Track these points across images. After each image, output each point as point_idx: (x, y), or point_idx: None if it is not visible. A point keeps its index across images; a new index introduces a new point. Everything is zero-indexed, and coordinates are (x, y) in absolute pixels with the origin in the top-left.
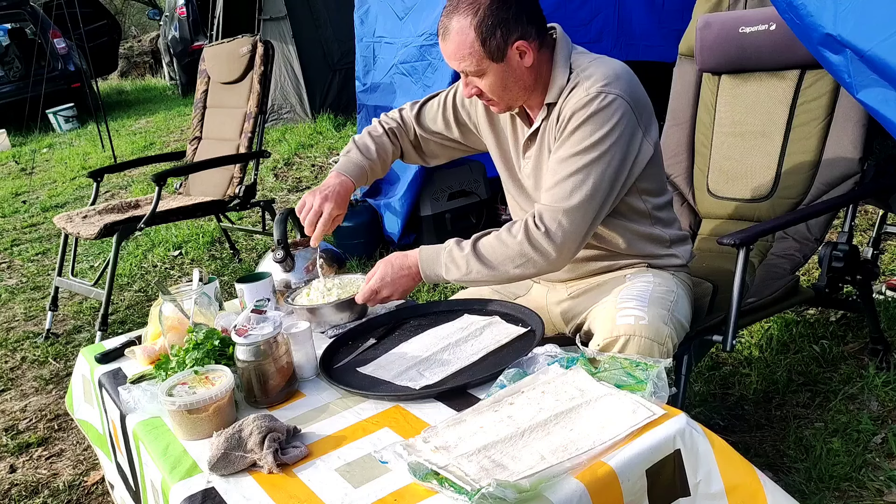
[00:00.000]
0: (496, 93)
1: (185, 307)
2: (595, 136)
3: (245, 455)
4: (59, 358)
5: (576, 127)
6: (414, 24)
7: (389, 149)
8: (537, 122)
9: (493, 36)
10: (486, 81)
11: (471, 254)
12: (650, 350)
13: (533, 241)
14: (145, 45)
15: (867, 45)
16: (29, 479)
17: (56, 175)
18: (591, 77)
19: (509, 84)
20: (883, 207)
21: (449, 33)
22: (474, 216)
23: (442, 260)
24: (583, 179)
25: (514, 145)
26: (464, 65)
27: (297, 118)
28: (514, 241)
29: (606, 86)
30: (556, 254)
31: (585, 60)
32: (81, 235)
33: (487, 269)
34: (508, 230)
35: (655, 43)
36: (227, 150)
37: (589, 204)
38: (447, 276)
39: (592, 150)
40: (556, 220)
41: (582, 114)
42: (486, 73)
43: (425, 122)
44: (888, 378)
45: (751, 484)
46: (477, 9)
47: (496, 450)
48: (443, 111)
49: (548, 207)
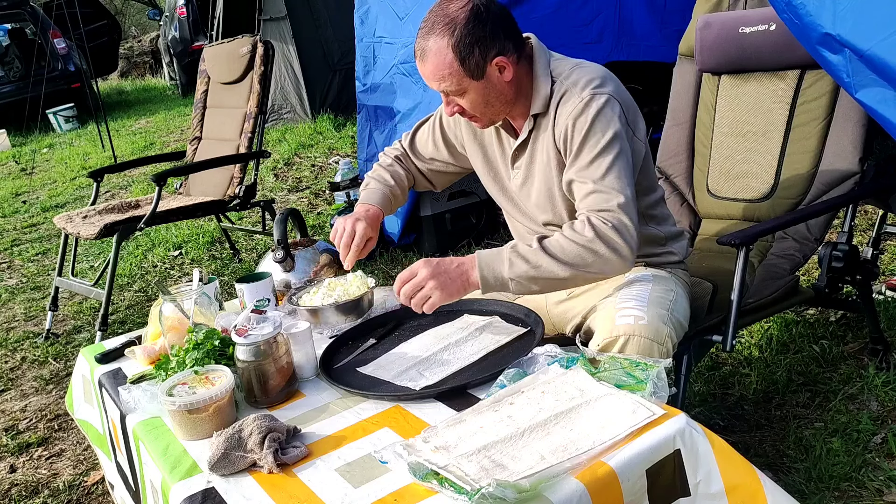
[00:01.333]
0: (478, 109)
1: (185, 307)
2: (607, 135)
3: (245, 455)
4: (59, 358)
5: (585, 133)
6: (414, 25)
7: (403, 174)
8: (524, 134)
9: (471, 54)
10: (467, 99)
11: (539, 249)
12: (650, 350)
13: (608, 240)
14: (145, 46)
15: (866, 45)
16: (29, 479)
17: (56, 175)
18: (577, 83)
19: (491, 100)
20: (883, 207)
21: (427, 55)
22: (474, 216)
23: (505, 255)
24: (616, 176)
25: (502, 157)
26: (444, 85)
27: (297, 118)
28: (586, 238)
29: (597, 88)
30: (630, 252)
31: (566, 67)
32: (81, 235)
33: (558, 265)
34: (573, 230)
35: (656, 43)
36: (227, 151)
37: (631, 197)
38: (510, 271)
39: (611, 149)
40: (618, 219)
41: (584, 119)
42: (466, 91)
43: (418, 150)
44: (888, 378)
45: (751, 484)
46: (453, 28)
47: (496, 450)
48: (432, 135)
49: (602, 211)
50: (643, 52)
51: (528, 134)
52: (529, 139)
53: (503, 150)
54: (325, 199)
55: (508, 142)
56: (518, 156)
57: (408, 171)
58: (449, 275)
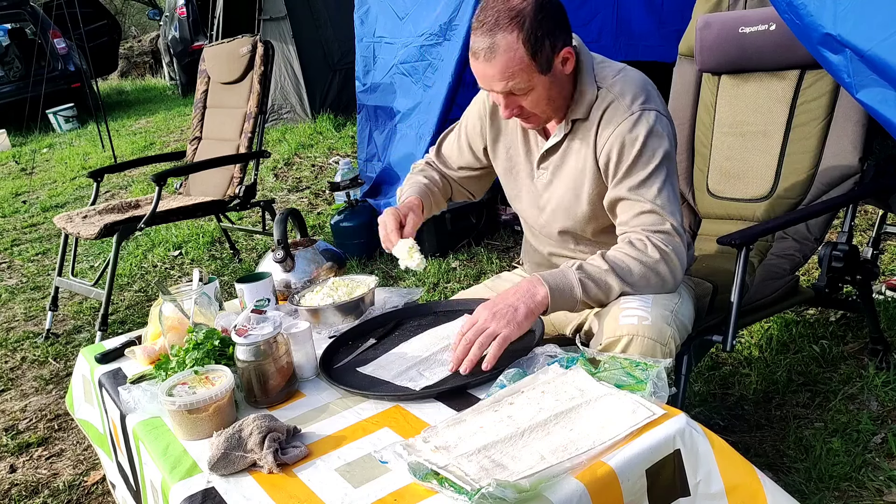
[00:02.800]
0: (540, 107)
1: (185, 307)
2: (658, 154)
3: (245, 455)
4: (59, 358)
5: (638, 152)
6: (414, 24)
7: (437, 177)
8: (558, 136)
9: (541, 48)
10: (531, 97)
11: (609, 270)
12: (653, 350)
13: (670, 262)
14: (145, 45)
15: (867, 45)
16: (29, 479)
17: (56, 175)
18: (624, 95)
19: (553, 95)
20: (883, 207)
21: (495, 52)
22: (474, 216)
23: (573, 278)
24: (668, 198)
25: (527, 156)
26: (512, 83)
27: (297, 118)
28: (651, 259)
29: (645, 103)
30: (681, 276)
31: (609, 74)
32: (81, 235)
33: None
34: (637, 249)
35: (655, 43)
36: (227, 150)
37: (681, 219)
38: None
39: (662, 168)
40: (675, 242)
41: (635, 137)
42: (534, 88)
43: (447, 160)
44: (888, 378)
45: (751, 484)
46: (522, 22)
47: (496, 450)
48: (457, 142)
49: (659, 233)
50: (641, 51)
51: (563, 137)
52: (563, 142)
53: (528, 149)
54: (325, 199)
55: (537, 142)
56: (547, 157)
57: (441, 175)
58: (508, 300)
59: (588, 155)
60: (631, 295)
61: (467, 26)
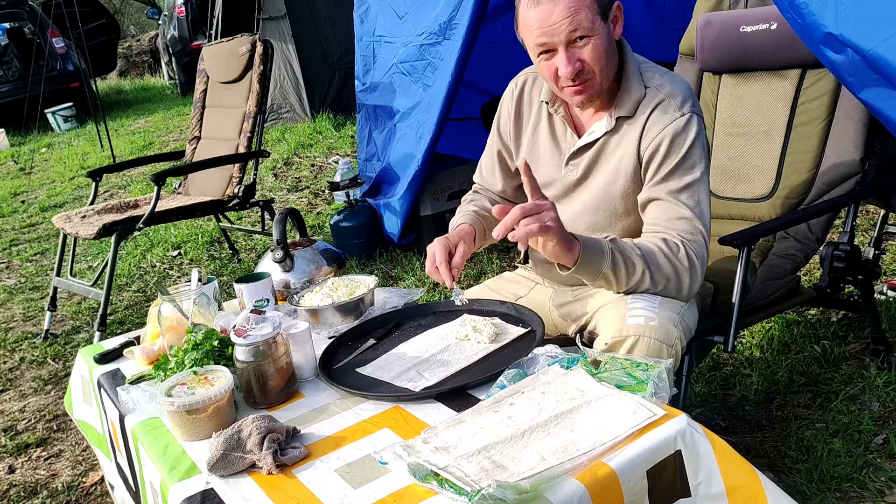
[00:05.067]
0: (600, 62)
1: (183, 307)
2: (702, 163)
3: (244, 456)
4: (58, 358)
5: (684, 154)
6: (414, 24)
7: (487, 204)
8: (598, 133)
9: None
10: (592, 47)
11: (641, 257)
12: (658, 351)
13: (694, 270)
14: (144, 45)
15: (868, 45)
16: (28, 479)
17: (55, 175)
18: (675, 95)
19: (609, 54)
20: (884, 207)
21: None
22: None
23: (606, 248)
24: (703, 209)
25: (555, 152)
26: (577, 20)
27: (297, 118)
28: (681, 264)
29: (693, 107)
30: (701, 281)
31: (657, 74)
32: (80, 235)
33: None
34: (670, 249)
35: (654, 42)
36: (227, 150)
37: (709, 231)
38: (609, 265)
39: (703, 178)
40: (703, 254)
41: (684, 139)
42: (596, 33)
43: (489, 182)
44: (889, 378)
45: (752, 485)
46: None
47: (496, 450)
48: (492, 162)
49: (692, 242)
50: (641, 51)
51: (604, 135)
52: (602, 140)
53: (557, 144)
54: (324, 199)
55: (568, 138)
56: (580, 153)
57: (491, 200)
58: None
59: (630, 151)
60: (642, 291)
61: (467, 25)
